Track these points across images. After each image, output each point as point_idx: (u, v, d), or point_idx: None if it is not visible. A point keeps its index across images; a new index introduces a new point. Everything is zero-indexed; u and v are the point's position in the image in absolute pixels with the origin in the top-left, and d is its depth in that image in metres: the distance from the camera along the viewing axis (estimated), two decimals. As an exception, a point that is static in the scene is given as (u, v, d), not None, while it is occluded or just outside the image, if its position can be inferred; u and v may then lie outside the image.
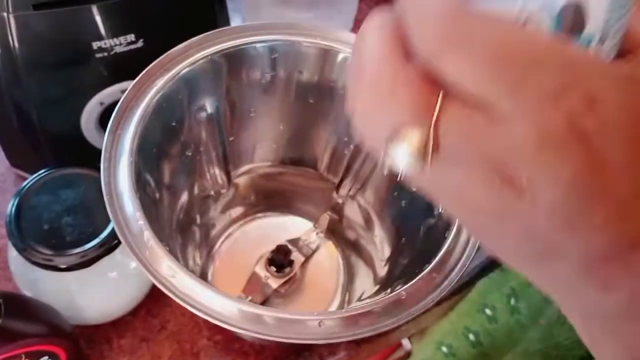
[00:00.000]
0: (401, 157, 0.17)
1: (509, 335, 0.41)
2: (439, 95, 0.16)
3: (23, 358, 0.31)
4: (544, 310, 0.39)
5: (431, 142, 0.16)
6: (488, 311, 0.42)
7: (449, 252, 0.27)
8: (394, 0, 0.17)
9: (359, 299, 0.38)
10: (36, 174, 0.36)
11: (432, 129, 0.16)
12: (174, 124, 0.33)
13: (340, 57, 0.34)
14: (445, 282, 0.27)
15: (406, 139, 0.16)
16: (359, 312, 0.25)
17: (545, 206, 0.16)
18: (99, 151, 0.42)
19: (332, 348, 0.41)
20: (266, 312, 0.25)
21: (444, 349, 0.44)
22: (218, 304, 0.25)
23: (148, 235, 0.26)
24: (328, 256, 0.41)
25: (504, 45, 0.15)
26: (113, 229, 0.34)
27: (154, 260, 0.25)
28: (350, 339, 0.24)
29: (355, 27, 0.57)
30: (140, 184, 0.28)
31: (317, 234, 0.41)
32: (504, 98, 0.15)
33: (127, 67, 0.38)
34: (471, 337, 0.43)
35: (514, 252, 0.19)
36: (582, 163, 0.16)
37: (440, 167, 0.17)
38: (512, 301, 0.42)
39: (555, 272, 0.19)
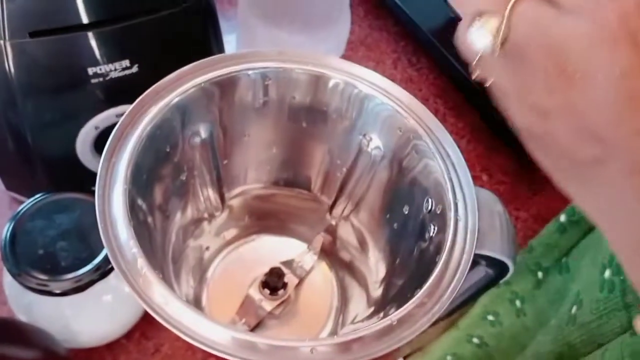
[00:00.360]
0: (480, 37, 0.20)
1: (514, 338, 0.42)
2: None
3: (17, 384, 0.31)
4: (549, 314, 0.40)
5: (504, 27, 0.19)
6: (490, 317, 0.43)
7: (440, 277, 0.28)
8: (384, 23, 0.20)
9: (353, 321, 0.38)
10: (31, 199, 0.37)
11: (506, 15, 0.19)
12: (168, 149, 0.33)
13: (331, 82, 0.34)
14: (436, 307, 0.27)
15: (485, 22, 0.19)
16: (350, 338, 0.25)
17: (596, 99, 0.18)
18: (94, 174, 0.42)
19: (327, 369, 0.41)
20: (259, 340, 0.25)
21: (449, 357, 0.44)
22: (211, 331, 0.25)
23: (142, 263, 0.26)
24: (322, 277, 0.42)
25: None
26: (107, 254, 0.35)
27: (147, 288, 0.26)
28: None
29: (348, 49, 0.58)
30: (134, 211, 0.29)
31: (311, 255, 0.42)
32: None
33: (122, 91, 0.39)
34: (475, 340, 0.43)
35: (563, 156, 0.20)
36: (631, 61, 0.17)
37: (507, 58, 0.20)
38: (517, 303, 0.42)
39: (601, 184, 0.20)
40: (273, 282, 0.38)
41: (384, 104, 0.34)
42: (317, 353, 0.25)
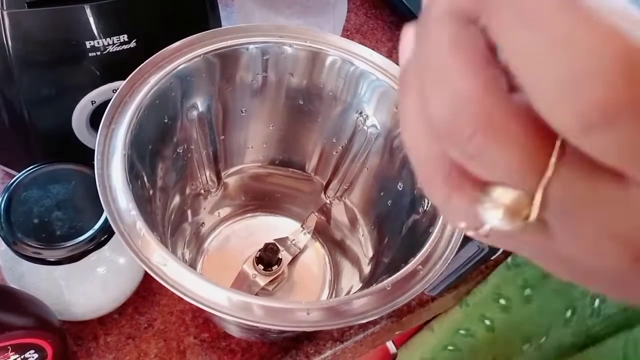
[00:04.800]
0: (491, 217, 0.13)
1: (518, 327, 0.43)
2: (552, 147, 0.11)
3: (10, 351, 0.31)
4: (556, 304, 0.40)
5: (536, 209, 0.12)
6: (502, 301, 0.43)
7: (434, 246, 0.28)
8: (380, 11, 0.19)
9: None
10: (27, 169, 0.37)
11: (540, 194, 0.12)
12: (166, 121, 0.34)
13: (328, 60, 0.35)
14: (430, 275, 0.27)
15: (501, 199, 0.12)
16: (345, 300, 0.26)
17: None
18: (89, 149, 0.42)
19: (318, 347, 0.41)
20: (255, 301, 0.25)
21: (462, 331, 0.44)
22: (208, 292, 0.25)
23: (140, 225, 0.26)
24: (315, 256, 0.42)
25: None
26: (103, 224, 0.35)
27: (146, 250, 0.26)
28: (339, 326, 0.25)
29: (344, 36, 0.58)
30: (133, 177, 0.29)
31: (304, 234, 0.42)
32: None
33: (119, 66, 0.39)
34: (487, 322, 0.45)
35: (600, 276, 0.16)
36: None
37: (539, 231, 0.13)
38: (528, 291, 0.42)
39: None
40: (267, 257, 0.38)
41: (379, 80, 0.34)
42: (312, 315, 0.25)
